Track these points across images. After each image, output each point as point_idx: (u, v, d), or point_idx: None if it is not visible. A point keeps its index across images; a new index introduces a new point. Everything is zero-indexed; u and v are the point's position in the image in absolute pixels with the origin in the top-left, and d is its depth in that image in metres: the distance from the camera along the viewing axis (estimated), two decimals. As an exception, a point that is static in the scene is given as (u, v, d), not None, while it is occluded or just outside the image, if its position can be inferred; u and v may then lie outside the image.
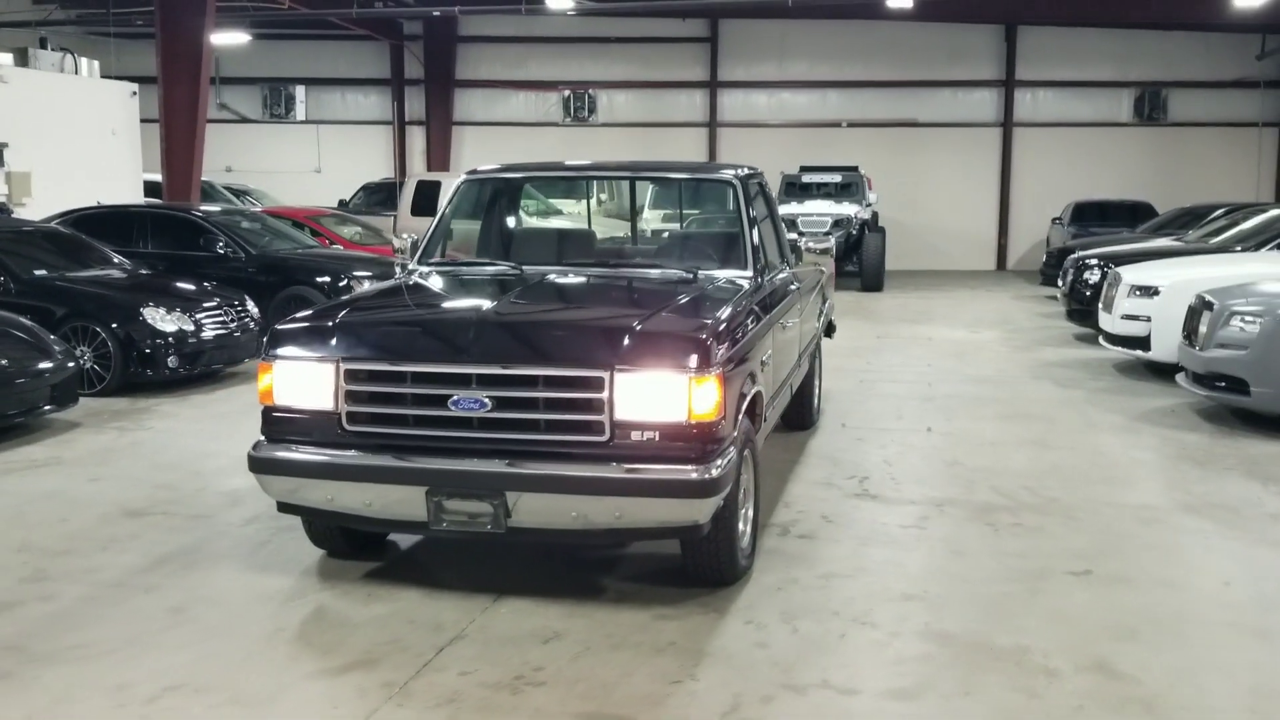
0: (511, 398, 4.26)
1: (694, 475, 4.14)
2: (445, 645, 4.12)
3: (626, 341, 4.23)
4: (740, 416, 4.55)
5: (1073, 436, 7.73)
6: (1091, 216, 21.73)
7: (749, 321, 4.87)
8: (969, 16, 23.17)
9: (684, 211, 7.18)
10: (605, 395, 4.18)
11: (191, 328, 9.17)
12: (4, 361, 7.33)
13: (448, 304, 5.26)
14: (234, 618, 4.39)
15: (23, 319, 7.97)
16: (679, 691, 3.77)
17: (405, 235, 6.24)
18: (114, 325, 8.86)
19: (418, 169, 24.90)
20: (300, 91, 25.26)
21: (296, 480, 4.49)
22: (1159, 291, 9.95)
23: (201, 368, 9.33)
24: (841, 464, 6.85)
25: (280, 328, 4.63)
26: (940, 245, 24.24)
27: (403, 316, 4.97)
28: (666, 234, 6.50)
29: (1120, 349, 10.45)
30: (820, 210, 18.67)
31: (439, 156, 24.96)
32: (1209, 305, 8.23)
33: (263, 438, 4.61)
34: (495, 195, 6.33)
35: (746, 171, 6.02)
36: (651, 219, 6.72)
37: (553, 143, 24.71)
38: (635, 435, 4.19)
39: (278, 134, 25.47)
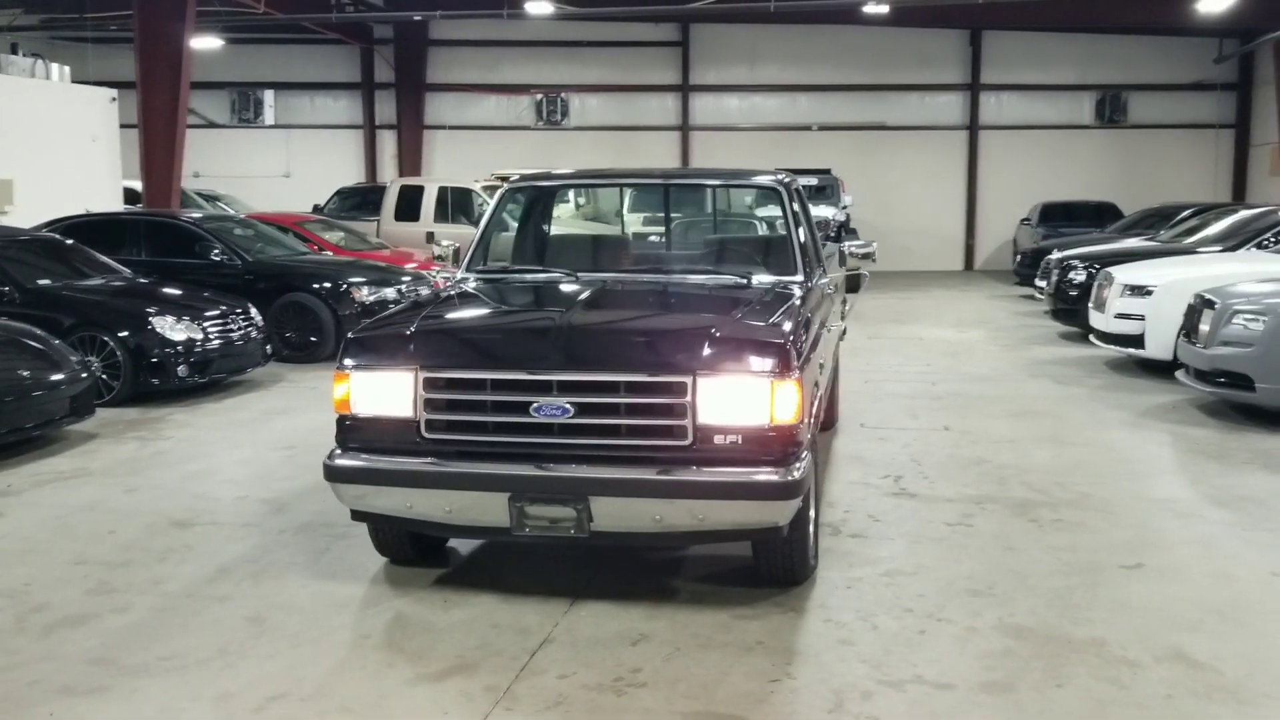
0: (594, 404, 4.31)
1: (777, 478, 4.21)
2: (536, 649, 4.16)
3: (708, 347, 4.30)
4: (812, 419, 4.63)
5: (1086, 433, 7.91)
6: (1059, 217, 22.17)
7: (811, 326, 4.96)
8: (936, 22, 23.52)
9: (724, 217, 7.27)
10: (688, 400, 4.24)
11: (200, 336, 9.10)
12: (25, 373, 7.25)
13: (519, 312, 5.27)
14: (315, 626, 4.40)
15: (36, 330, 7.87)
16: (780, 689, 3.84)
17: (446, 243, 6.25)
18: (124, 334, 8.77)
19: (389, 173, 24.80)
20: (269, 96, 25.06)
21: (375, 488, 4.50)
22: (1152, 291, 10.20)
23: (210, 376, 9.27)
24: (871, 463, 6.96)
25: (356, 337, 4.64)
26: (910, 246, 24.56)
27: (479, 324, 4.99)
28: (709, 240, 6.54)
29: (1114, 347, 10.70)
30: (775, 213, 18.82)
31: (410, 161, 24.87)
32: (1210, 304, 8.46)
33: (337, 447, 4.61)
34: (534, 203, 6.34)
35: (787, 177, 6.11)
36: (685, 225, 6.81)
37: (525, 147, 24.74)
38: (718, 439, 4.26)
39: (246, 139, 25.25)
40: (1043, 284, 14.86)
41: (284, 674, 3.95)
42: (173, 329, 8.93)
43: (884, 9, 18.41)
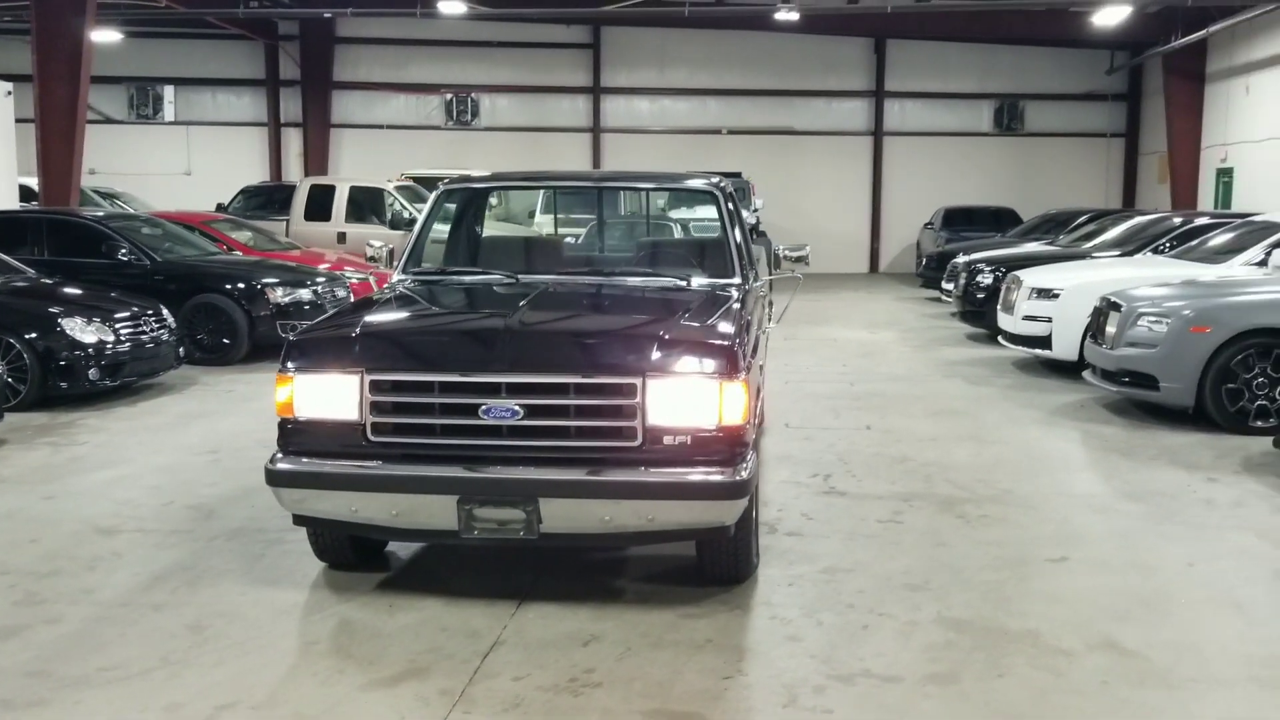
0: (543, 405, 4.32)
1: (726, 478, 4.28)
2: (488, 651, 4.16)
3: (658, 349, 4.34)
4: (755, 420, 4.71)
5: (1002, 431, 8.17)
6: (960, 221, 22.78)
7: (751, 328, 5.04)
8: (842, 30, 23.96)
9: (658, 220, 7.33)
10: (638, 401, 4.28)
11: (111, 338, 8.83)
12: (-71, 376, 6.96)
13: (464, 314, 5.24)
14: (259, 633, 4.32)
15: (-61, 331, 7.56)
16: (733, 686, 3.90)
17: (378, 244, 6.19)
18: (30, 336, 8.47)
19: (294, 172, 24.34)
20: (169, 92, 24.39)
21: (319, 492, 4.44)
22: (1059, 294, 10.58)
23: (122, 380, 9.00)
24: (800, 463, 7.09)
25: (299, 339, 4.57)
26: (817, 248, 24.72)
27: (425, 327, 4.95)
28: (646, 242, 6.58)
29: (1021, 348, 11.06)
30: (711, 215, 19.00)
31: (317, 159, 24.43)
32: (1116, 306, 8.80)
33: (278, 450, 4.54)
34: (469, 205, 6.31)
35: (720, 180, 6.20)
36: (622, 226, 6.84)
37: (435, 147, 24.50)
38: (666, 440, 4.30)
39: (144, 135, 24.52)
40: (949, 287, 15.28)
41: (232, 682, 3.88)
42: (83, 330, 8.66)
43: (794, 16, 18.67)
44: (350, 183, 16.60)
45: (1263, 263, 10.15)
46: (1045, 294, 10.69)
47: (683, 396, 4.30)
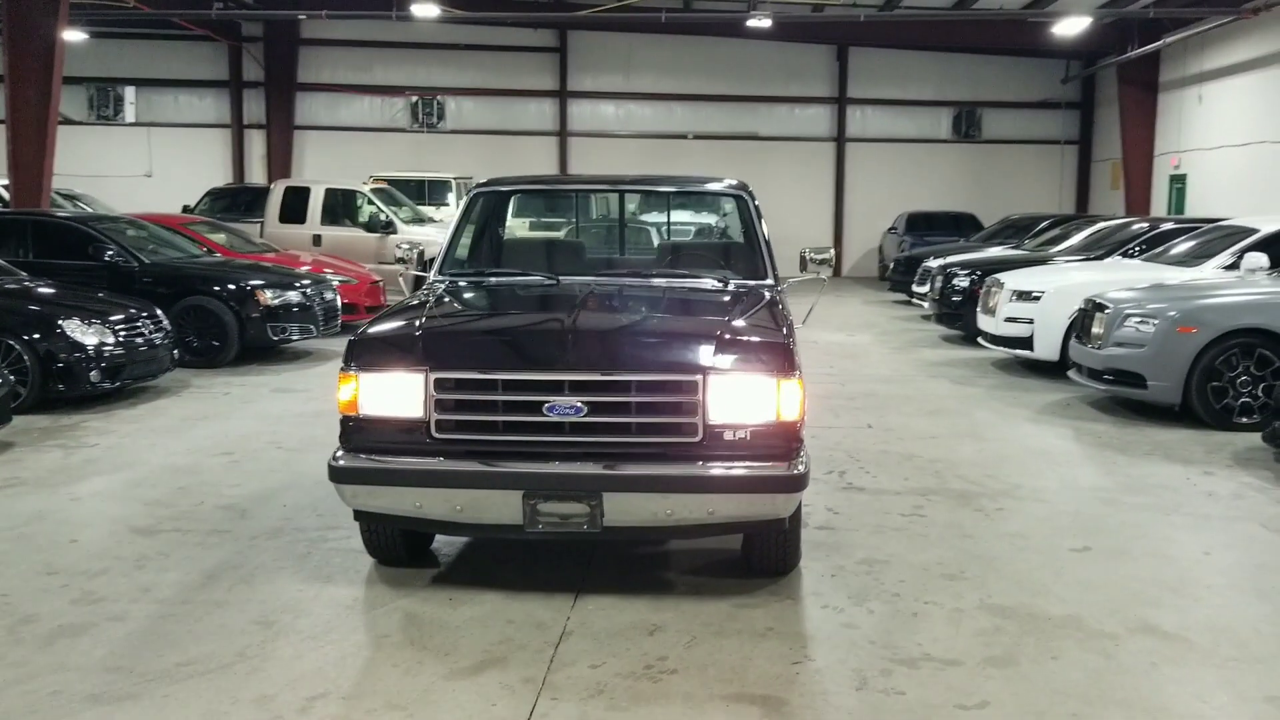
0: (606, 402, 4.43)
1: (785, 472, 4.43)
2: (558, 641, 4.26)
3: (718, 348, 4.48)
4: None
5: (997, 429, 8.41)
6: (922, 226, 23.23)
7: (795, 327, 5.19)
8: (806, 37, 24.28)
9: (679, 224, 7.47)
10: (699, 398, 4.41)
11: (112, 340, 8.78)
12: (-58, 378, 6.90)
13: (523, 314, 5.31)
14: (328, 628, 4.39)
15: (-55, 333, 7.49)
16: (804, 671, 4.05)
17: (407, 245, 6.26)
18: (31, 338, 8.41)
19: (258, 175, 24.17)
20: (130, 93, 24.08)
21: (383, 488, 4.52)
22: (1040, 296, 10.88)
23: (121, 382, 8.95)
24: (814, 460, 7.22)
25: (361, 338, 4.65)
26: (781, 253, 25.15)
27: (486, 326, 5.04)
28: (681, 245, 6.72)
29: (1003, 349, 11.36)
30: (683, 219, 19.19)
31: (280, 161, 24.26)
32: (1102, 308, 9.10)
33: (340, 447, 4.61)
34: (499, 207, 6.40)
35: (743, 183, 6.36)
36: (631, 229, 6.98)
37: (400, 148, 24.47)
38: (726, 435, 4.44)
39: (105, 137, 24.18)
40: (922, 290, 15.60)
41: (316, 674, 3.95)
42: (83, 332, 8.61)
43: (766, 23, 18.93)
44: (325, 185, 16.53)
45: (1233, 266, 10.53)
46: (1027, 296, 11.00)
47: (742, 393, 4.44)
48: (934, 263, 15.16)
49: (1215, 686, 3.94)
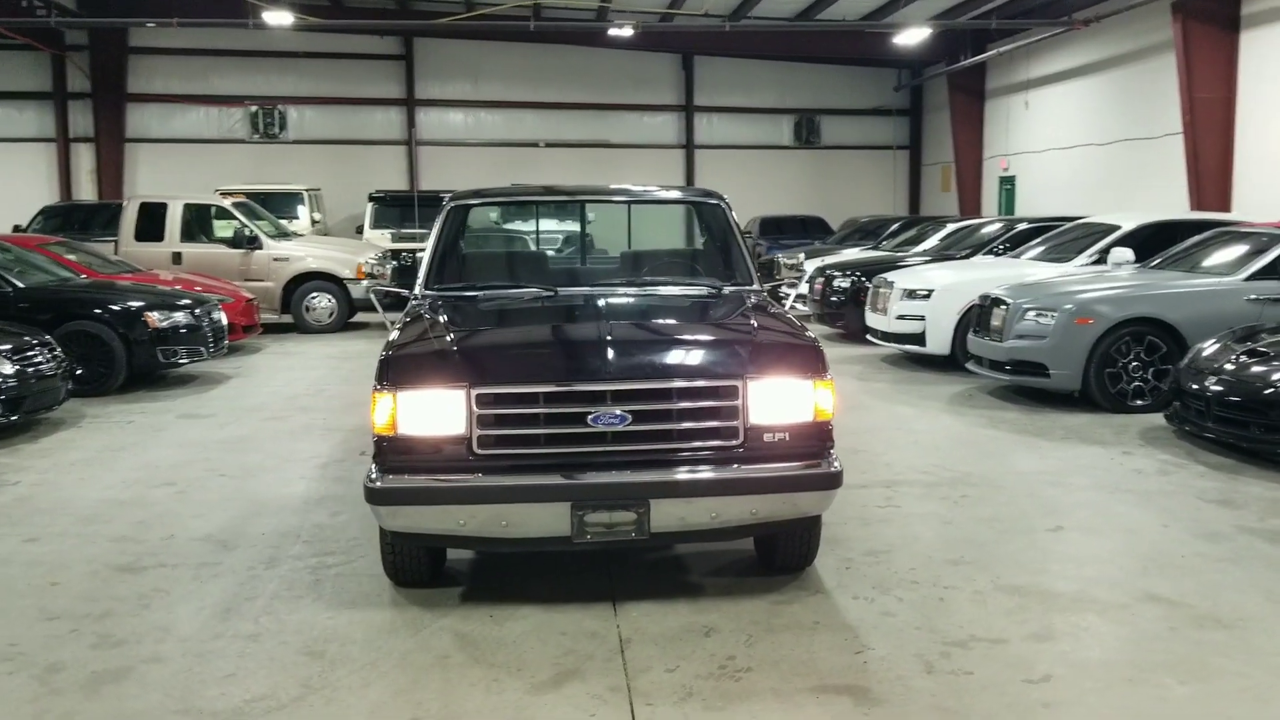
0: (650, 410, 4.49)
1: (825, 470, 4.59)
2: (621, 650, 4.29)
3: (755, 352, 4.61)
4: None
5: (921, 422, 8.83)
6: (774, 230, 23.95)
7: (800, 329, 5.37)
8: (652, 46, 24.67)
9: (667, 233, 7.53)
10: (739, 403, 4.53)
11: (9, 369, 8.22)
12: None
13: (550, 326, 5.27)
14: (382, 653, 4.29)
15: None
16: (870, 659, 4.21)
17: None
18: (-76, 371, 7.79)
19: (86, 190, 22.87)
20: (-59, 106, 22.37)
21: (428, 509, 4.45)
22: (930, 295, 11.46)
23: (23, 414, 8.38)
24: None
25: (396, 357, 4.55)
26: (636, 259, 25.52)
27: (521, 340, 4.99)
28: (667, 252, 6.80)
29: (895, 345, 11.90)
30: (550, 228, 19.24)
31: (111, 176, 23.05)
32: (1000, 302, 9.67)
33: (376, 468, 4.51)
34: (479, 220, 6.34)
35: (718, 192, 6.51)
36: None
37: (241, 160, 23.63)
38: (766, 437, 4.57)
39: (-89, 152, 22.41)
40: (801, 292, 16.10)
41: (396, 701, 3.87)
42: (-19, 363, 8.02)
43: (627, 33, 19.18)
44: (184, 200, 15.79)
45: (1099, 261, 11.34)
46: (917, 295, 11.56)
47: (781, 396, 4.57)
48: (810, 265, 15.69)
49: (1231, 645, 4.31)
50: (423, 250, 6.03)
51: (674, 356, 4.65)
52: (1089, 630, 4.47)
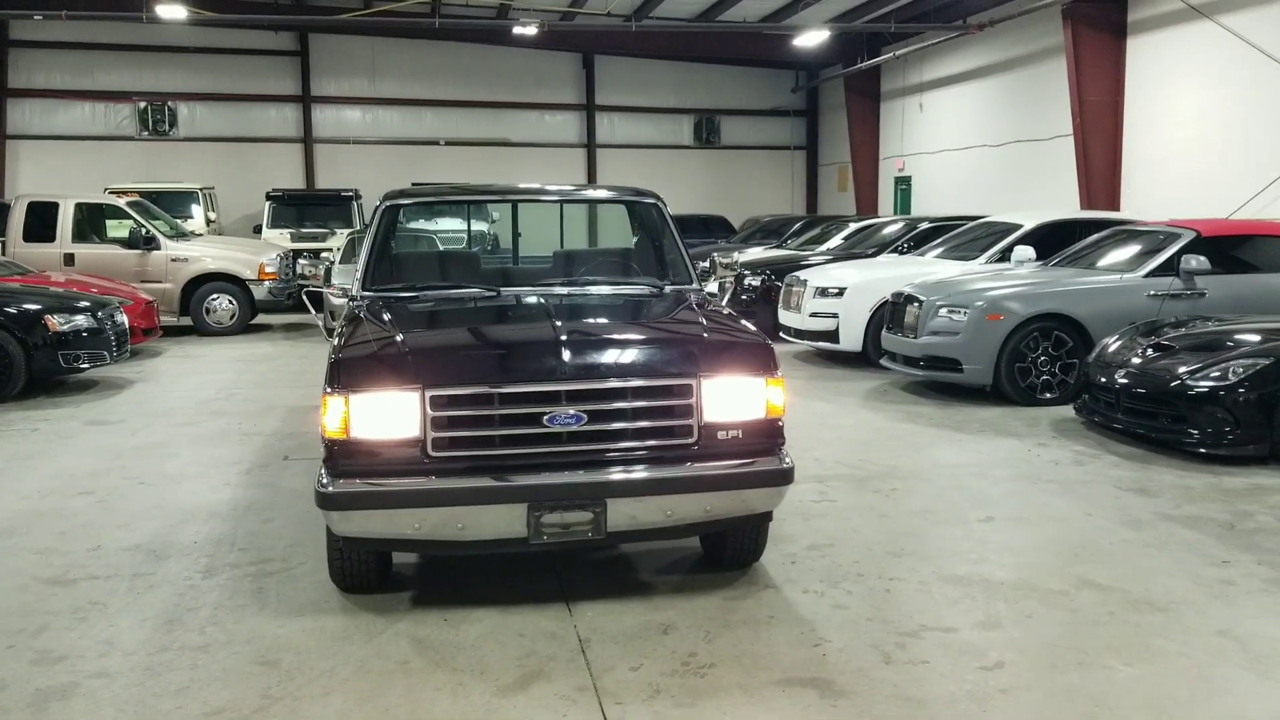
0: (605, 410, 4.50)
1: (778, 466, 4.66)
2: (582, 649, 4.29)
3: (709, 351, 4.65)
4: None
5: (839, 417, 9.01)
6: (679, 230, 24.02)
7: (739, 328, 5.42)
8: (552, 45, 24.61)
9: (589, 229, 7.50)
10: (693, 401, 4.57)
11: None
12: None
13: (501, 326, 5.21)
14: (339, 660, 4.21)
15: None
16: (828, 651, 4.28)
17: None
18: None
19: (-38, 188, 21.82)
20: None
21: (381, 513, 4.38)
22: (842, 292, 11.68)
23: (-82, 423, 7.98)
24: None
25: (347, 359, 4.46)
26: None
27: (474, 340, 4.92)
28: (605, 252, 6.79)
29: (808, 342, 12.10)
30: (455, 227, 19.07)
31: (-11, 174, 22.03)
32: (913, 300, 9.92)
33: (326, 473, 4.42)
34: (415, 219, 6.26)
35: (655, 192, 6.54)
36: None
37: (129, 158, 22.86)
38: (720, 435, 4.61)
39: None
40: (711, 290, 16.22)
41: (363, 708, 3.80)
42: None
43: (531, 31, 19.10)
44: (76, 199, 15.19)
45: (1003, 258, 11.72)
46: (829, 293, 11.77)
47: (734, 393, 4.62)
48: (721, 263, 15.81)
49: (1170, 626, 4.51)
50: (325, 250, 5.93)
51: (629, 356, 4.66)
52: (1033, 617, 4.63)
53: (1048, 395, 9.34)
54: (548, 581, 5.05)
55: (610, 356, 4.64)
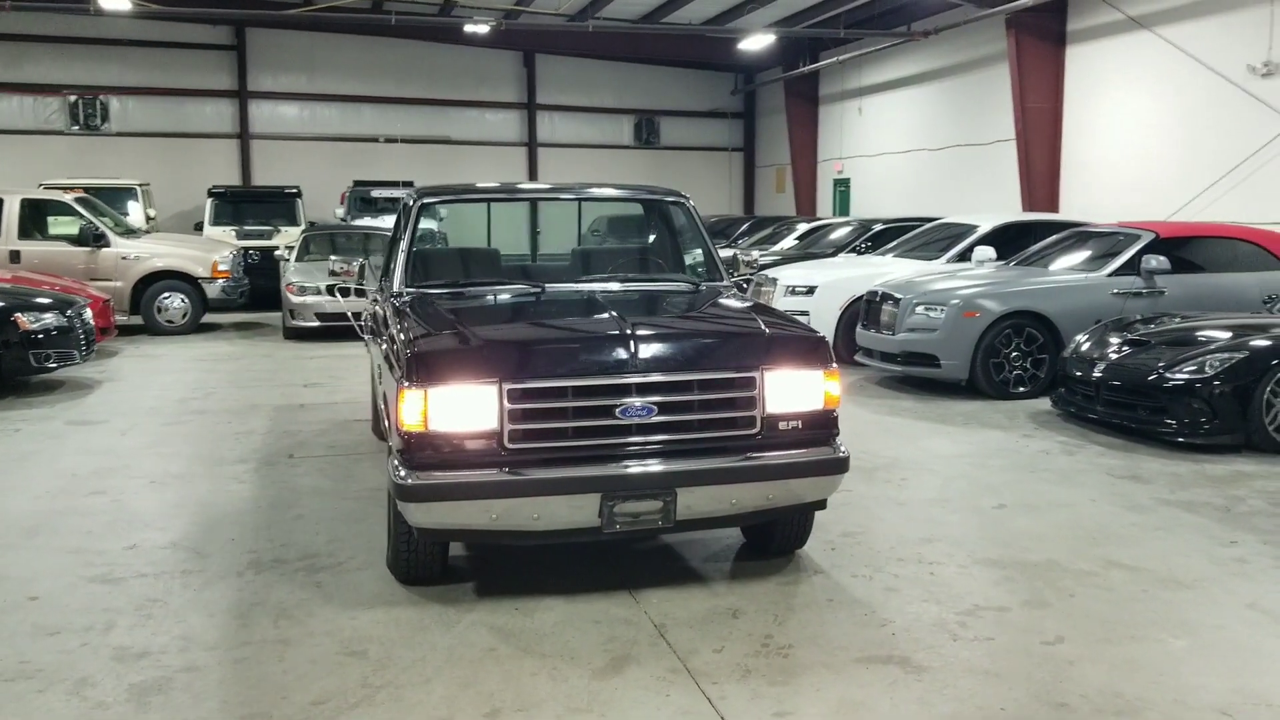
0: (674, 402, 4.64)
1: (835, 455, 4.84)
2: (661, 635, 4.42)
3: (770, 345, 4.81)
4: None
5: (827, 412, 9.24)
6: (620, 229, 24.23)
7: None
8: (495, 43, 24.56)
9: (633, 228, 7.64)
10: (757, 393, 4.73)
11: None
12: None
13: (567, 321, 5.29)
14: (428, 648, 4.27)
15: None
16: (895, 629, 4.47)
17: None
18: None
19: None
20: None
21: (461, 504, 4.46)
22: (813, 291, 11.96)
23: (-97, 423, 7.76)
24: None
25: (424, 353, 4.52)
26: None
27: (546, 335, 5.00)
28: (637, 249, 6.89)
29: (777, 340, 12.32)
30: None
31: (-90, 168, 21.25)
32: (889, 298, 10.23)
33: (402, 466, 4.48)
34: (448, 216, 6.30)
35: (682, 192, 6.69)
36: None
37: (59, 153, 22.27)
38: (781, 425, 4.78)
39: None
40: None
41: (466, 694, 3.88)
42: None
43: (484, 29, 19.07)
44: (21, 195, 14.79)
45: (963, 258, 12.11)
46: (799, 291, 12.04)
47: (794, 386, 4.79)
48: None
49: (1196, 601, 4.80)
50: (274, 248, 5.98)
51: (695, 349, 4.79)
52: (1075, 596, 4.88)
53: (1020, 389, 9.70)
54: (605, 570, 5.17)
55: (678, 350, 4.77)
